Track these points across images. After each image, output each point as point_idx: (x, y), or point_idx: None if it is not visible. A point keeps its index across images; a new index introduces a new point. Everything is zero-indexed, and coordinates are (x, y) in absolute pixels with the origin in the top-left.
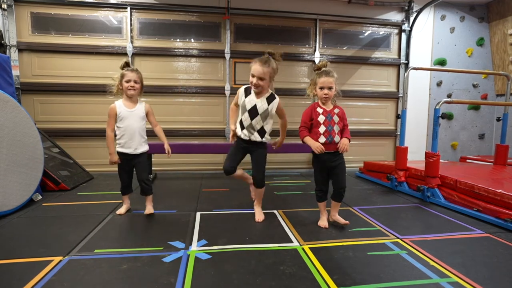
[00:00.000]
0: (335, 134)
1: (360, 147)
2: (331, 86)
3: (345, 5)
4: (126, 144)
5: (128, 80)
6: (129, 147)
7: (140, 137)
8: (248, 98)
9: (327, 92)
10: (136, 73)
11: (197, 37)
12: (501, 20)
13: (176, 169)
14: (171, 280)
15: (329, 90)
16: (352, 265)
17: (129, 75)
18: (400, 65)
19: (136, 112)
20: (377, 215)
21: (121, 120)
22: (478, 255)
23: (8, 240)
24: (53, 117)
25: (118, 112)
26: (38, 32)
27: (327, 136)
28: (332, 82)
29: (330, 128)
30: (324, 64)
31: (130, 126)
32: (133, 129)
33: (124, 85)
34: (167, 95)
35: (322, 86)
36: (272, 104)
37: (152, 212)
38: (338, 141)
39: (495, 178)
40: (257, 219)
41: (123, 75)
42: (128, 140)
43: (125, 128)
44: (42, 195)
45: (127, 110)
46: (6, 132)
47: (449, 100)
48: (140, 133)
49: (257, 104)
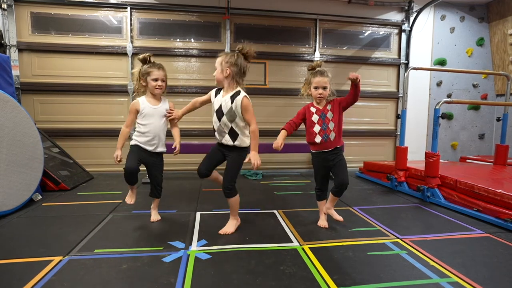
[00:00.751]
0: (331, 132)
1: (360, 147)
2: (326, 86)
3: (345, 5)
4: (150, 141)
5: (156, 79)
6: (151, 145)
7: (163, 135)
8: (216, 98)
9: (322, 91)
10: (163, 70)
11: (197, 37)
12: (501, 20)
13: (176, 169)
14: (171, 280)
15: (324, 89)
16: (352, 265)
17: (156, 73)
18: (400, 65)
19: (160, 109)
20: (377, 215)
21: (144, 117)
22: (478, 255)
23: (8, 240)
24: (53, 117)
25: (141, 109)
26: (38, 32)
27: (323, 135)
28: (326, 82)
29: (324, 127)
30: (319, 64)
31: (154, 124)
32: (157, 127)
33: (151, 83)
34: (167, 95)
35: (316, 86)
36: (235, 101)
37: (159, 219)
38: (334, 138)
39: (495, 178)
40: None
41: (149, 72)
42: (151, 139)
43: (148, 126)
44: (42, 195)
45: (151, 107)
46: (6, 132)
47: (449, 100)
48: (164, 131)
49: (222, 103)
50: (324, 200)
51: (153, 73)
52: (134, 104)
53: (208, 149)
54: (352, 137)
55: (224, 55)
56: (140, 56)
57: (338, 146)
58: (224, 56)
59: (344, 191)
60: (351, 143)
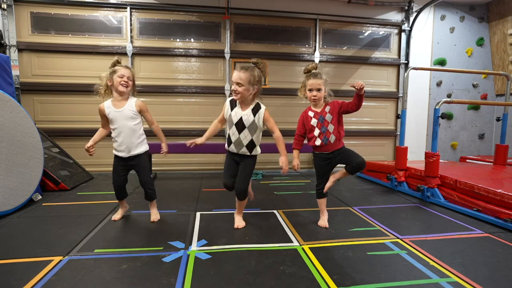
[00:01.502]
0: (330, 134)
1: (360, 147)
2: (320, 87)
3: (345, 5)
4: (119, 146)
5: (122, 75)
6: (122, 151)
7: (134, 138)
8: (233, 111)
9: (316, 93)
10: (130, 70)
11: (197, 37)
12: (501, 20)
13: (176, 169)
14: (171, 280)
15: (318, 91)
16: (352, 265)
17: (122, 70)
18: (400, 65)
19: (125, 112)
20: (377, 215)
21: (111, 121)
22: (478, 255)
23: (8, 240)
24: (53, 117)
25: (107, 113)
26: (38, 32)
27: (322, 138)
28: (320, 84)
29: (324, 130)
30: (314, 67)
31: (122, 127)
32: (125, 130)
33: (117, 80)
34: (167, 95)
35: (310, 88)
36: (258, 114)
37: (159, 218)
38: (334, 140)
39: (495, 178)
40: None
41: (115, 70)
42: (120, 142)
43: (117, 130)
44: (42, 195)
45: (115, 110)
46: (6, 132)
47: (449, 100)
48: (134, 133)
49: (243, 116)
50: (324, 198)
51: (120, 70)
52: (100, 108)
53: (208, 149)
54: (352, 137)
55: (249, 72)
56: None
57: (339, 148)
58: (250, 73)
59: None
60: (351, 143)
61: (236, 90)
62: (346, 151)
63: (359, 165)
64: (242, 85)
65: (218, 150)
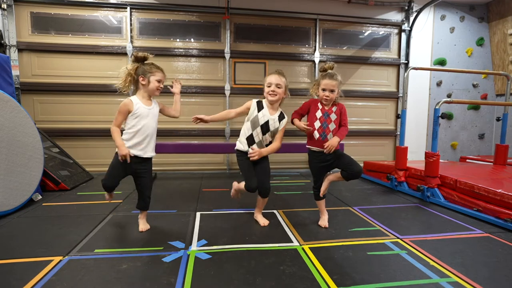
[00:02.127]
0: (329, 132)
1: (360, 147)
2: (333, 89)
3: (345, 5)
4: (139, 145)
5: (159, 80)
6: (142, 149)
7: (154, 139)
8: (261, 112)
9: (328, 94)
10: (164, 73)
11: (197, 37)
12: (501, 20)
13: (176, 169)
14: (171, 280)
15: (331, 92)
16: (352, 265)
17: (161, 74)
18: (400, 65)
19: (154, 111)
20: (377, 215)
21: (137, 118)
22: (478, 255)
23: (8, 240)
24: (53, 117)
25: (135, 109)
26: (38, 32)
27: (321, 133)
28: (334, 85)
29: (324, 125)
30: (331, 67)
31: (147, 125)
32: (150, 129)
33: (155, 84)
34: (167, 95)
35: (324, 88)
36: (282, 123)
37: (148, 227)
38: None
39: (495, 178)
40: (262, 224)
41: (154, 72)
42: (142, 141)
43: (141, 128)
44: (42, 195)
45: (145, 107)
46: (6, 132)
47: (449, 100)
48: (155, 135)
49: (270, 120)
50: (321, 200)
51: (159, 74)
52: (127, 104)
53: (208, 149)
54: (352, 137)
55: (282, 75)
56: (140, 54)
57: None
58: (286, 79)
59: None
60: (351, 143)
61: (275, 91)
62: (344, 156)
63: (356, 174)
64: (281, 87)
65: (218, 150)
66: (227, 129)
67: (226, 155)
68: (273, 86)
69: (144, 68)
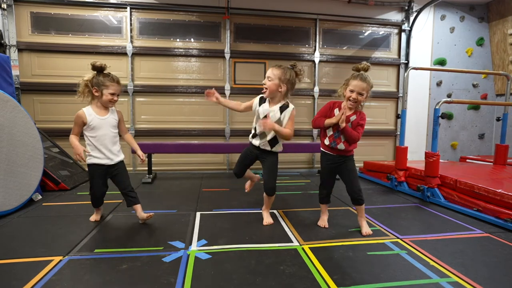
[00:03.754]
0: (340, 142)
1: (360, 147)
2: (362, 92)
3: (345, 5)
4: (103, 155)
5: (113, 93)
6: (107, 158)
7: (116, 146)
8: (262, 107)
9: (356, 96)
10: (120, 85)
11: (197, 37)
12: (501, 20)
13: (176, 169)
14: (171, 280)
15: (359, 95)
16: (352, 265)
17: (115, 87)
18: (400, 65)
19: (109, 120)
20: (377, 215)
21: (92, 129)
22: (478, 255)
23: (8, 239)
24: (53, 117)
25: (88, 121)
26: (38, 32)
27: (331, 141)
28: (364, 89)
29: (336, 135)
30: (365, 68)
31: (104, 135)
32: (107, 138)
33: (107, 97)
34: (167, 95)
35: (352, 89)
36: (285, 113)
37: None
38: (342, 149)
39: (495, 178)
40: (264, 222)
41: (107, 85)
42: (103, 150)
43: (99, 138)
44: (42, 195)
45: (99, 118)
46: (6, 132)
47: (449, 100)
48: (116, 141)
49: (270, 112)
50: (327, 204)
51: (112, 87)
52: (80, 116)
53: (208, 149)
54: None
55: (283, 70)
56: (97, 63)
57: (347, 155)
58: (283, 71)
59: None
60: None
61: (265, 84)
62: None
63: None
64: (272, 80)
65: (218, 150)
66: (227, 129)
67: (226, 155)
68: (265, 79)
69: (99, 80)
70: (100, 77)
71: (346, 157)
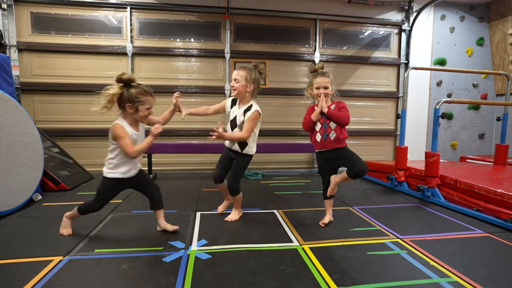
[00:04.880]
0: (331, 131)
1: (360, 147)
2: (327, 86)
3: (345, 5)
4: (131, 169)
5: (149, 108)
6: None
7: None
8: (232, 109)
9: (323, 91)
10: (154, 97)
11: (197, 37)
12: (501, 20)
13: (176, 169)
14: (171, 280)
15: (325, 89)
16: (352, 264)
17: (150, 101)
18: (400, 65)
19: (142, 135)
20: (377, 215)
21: None
22: (478, 255)
23: (8, 239)
24: (53, 117)
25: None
26: (38, 32)
27: (323, 133)
28: (327, 82)
29: (325, 126)
30: (321, 67)
31: None
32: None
33: (144, 112)
34: (167, 95)
35: (318, 86)
36: (248, 114)
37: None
38: (335, 138)
39: (495, 178)
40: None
41: (143, 101)
42: (133, 165)
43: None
44: (42, 195)
45: (135, 133)
46: (6, 132)
47: (449, 100)
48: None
49: (237, 115)
50: (330, 199)
51: (148, 102)
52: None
53: (208, 149)
54: (352, 137)
55: (248, 71)
56: (124, 76)
57: (339, 147)
58: (248, 72)
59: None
60: (351, 143)
61: (233, 86)
62: (349, 154)
63: (360, 172)
64: (239, 81)
65: (218, 150)
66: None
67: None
68: (232, 81)
69: (131, 95)
70: (132, 90)
71: (340, 150)
